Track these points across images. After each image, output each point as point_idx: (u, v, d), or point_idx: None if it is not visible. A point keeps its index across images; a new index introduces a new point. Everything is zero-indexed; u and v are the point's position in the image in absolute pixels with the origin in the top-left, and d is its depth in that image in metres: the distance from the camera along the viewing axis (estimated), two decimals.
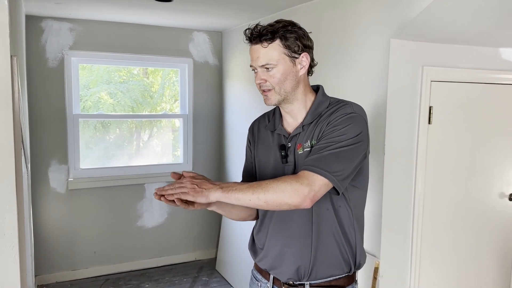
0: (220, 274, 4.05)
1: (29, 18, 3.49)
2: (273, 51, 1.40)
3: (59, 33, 3.62)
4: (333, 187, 1.35)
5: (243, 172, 1.70)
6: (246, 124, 1.71)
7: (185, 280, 3.94)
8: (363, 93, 2.38)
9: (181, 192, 1.30)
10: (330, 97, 1.52)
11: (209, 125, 4.34)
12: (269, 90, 1.45)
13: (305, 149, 1.44)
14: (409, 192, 2.38)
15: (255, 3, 2.93)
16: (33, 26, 3.54)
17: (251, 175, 1.64)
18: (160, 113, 4.34)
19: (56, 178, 3.75)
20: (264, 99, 1.48)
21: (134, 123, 4.25)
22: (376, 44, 2.29)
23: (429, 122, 2.37)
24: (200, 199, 1.30)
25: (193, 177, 1.36)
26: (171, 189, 1.32)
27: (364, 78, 2.38)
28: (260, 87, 1.46)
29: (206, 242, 4.43)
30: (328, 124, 1.40)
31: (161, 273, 4.07)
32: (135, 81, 4.25)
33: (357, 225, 1.51)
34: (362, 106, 1.47)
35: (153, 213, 4.16)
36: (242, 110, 3.92)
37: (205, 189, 1.31)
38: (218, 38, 4.25)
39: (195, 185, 1.31)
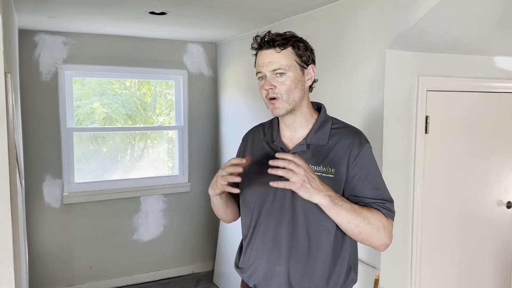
0: (217, 287, 4.00)
1: (22, 32, 3.47)
2: (286, 56, 1.39)
3: (52, 47, 3.61)
4: None
5: None
6: (242, 135, 1.68)
7: None
8: (360, 103, 2.37)
9: (290, 181, 1.22)
10: (332, 117, 1.52)
11: (205, 137, 4.32)
12: (277, 98, 1.40)
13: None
14: (407, 201, 2.38)
15: (249, 15, 2.93)
16: (26, 40, 3.51)
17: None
18: (155, 125, 4.32)
19: (50, 193, 3.71)
20: (271, 109, 1.43)
21: (128, 136, 4.22)
22: (371, 54, 2.29)
23: (426, 131, 2.37)
24: (302, 194, 1.25)
25: (307, 168, 1.25)
26: (283, 170, 1.23)
27: (360, 88, 2.38)
28: (267, 94, 1.41)
29: (203, 255, 4.39)
30: (358, 164, 1.41)
31: (158, 287, 4.02)
32: (128, 92, 4.22)
33: (352, 243, 1.50)
34: (359, 115, 1.48)
35: (149, 226, 4.11)
36: (238, 121, 3.91)
37: (314, 188, 1.25)
38: (212, 49, 4.25)
39: (306, 178, 1.23)
